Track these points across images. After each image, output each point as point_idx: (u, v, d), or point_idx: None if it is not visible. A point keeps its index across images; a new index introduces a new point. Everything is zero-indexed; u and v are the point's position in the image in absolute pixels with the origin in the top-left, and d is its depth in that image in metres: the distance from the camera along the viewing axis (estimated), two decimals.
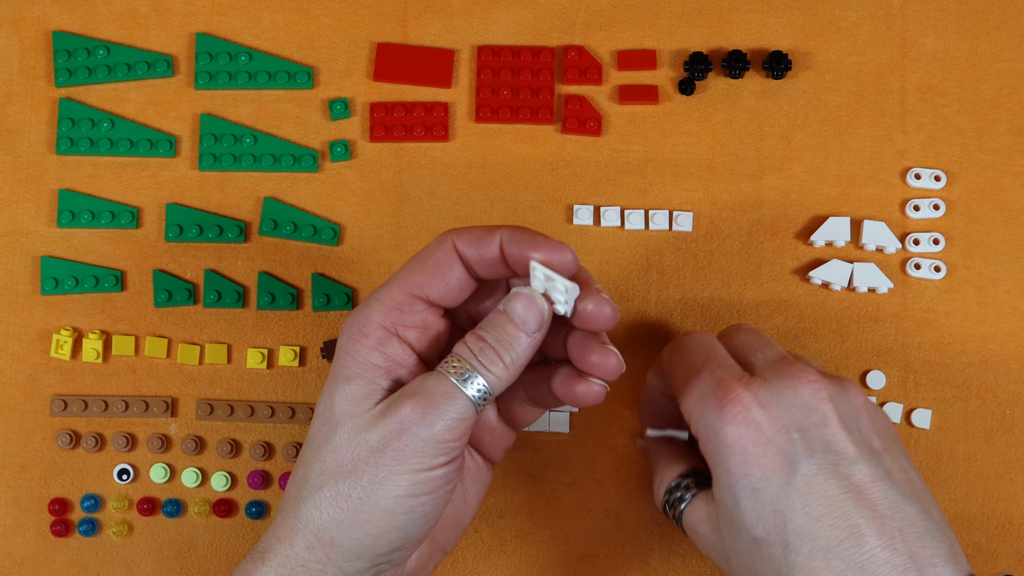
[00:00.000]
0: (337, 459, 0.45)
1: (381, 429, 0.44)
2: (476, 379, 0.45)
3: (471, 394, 0.45)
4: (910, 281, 0.60)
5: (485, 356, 0.45)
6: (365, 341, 0.46)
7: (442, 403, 0.44)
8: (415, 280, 0.46)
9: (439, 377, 0.45)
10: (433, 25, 0.62)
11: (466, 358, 0.45)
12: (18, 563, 0.58)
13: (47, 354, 0.60)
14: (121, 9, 0.62)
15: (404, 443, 0.44)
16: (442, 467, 0.45)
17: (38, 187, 0.61)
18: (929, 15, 0.61)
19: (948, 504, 0.58)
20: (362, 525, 0.44)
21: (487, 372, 0.45)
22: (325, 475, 0.45)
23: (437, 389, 0.44)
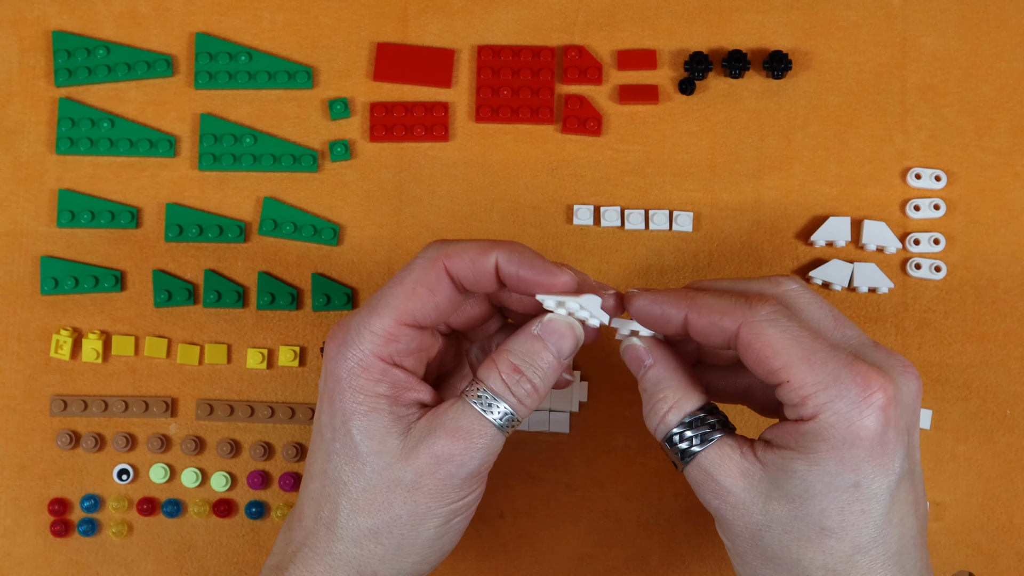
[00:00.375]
0: (371, 498, 0.45)
1: (415, 466, 0.44)
2: (501, 406, 0.45)
3: (497, 422, 0.45)
4: (910, 281, 0.60)
5: (519, 386, 0.45)
6: (367, 375, 0.45)
7: (477, 440, 0.44)
8: (407, 309, 0.45)
9: (468, 411, 0.45)
10: (433, 25, 0.62)
11: (498, 391, 0.45)
12: (18, 563, 0.58)
13: (47, 354, 0.60)
14: (121, 9, 0.62)
15: (441, 481, 0.44)
16: (474, 493, 0.46)
17: (38, 187, 0.61)
18: (929, 15, 0.61)
19: (948, 504, 0.58)
20: (405, 556, 0.45)
21: (519, 404, 0.45)
22: (358, 513, 0.45)
23: (472, 426, 0.44)
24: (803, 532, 0.43)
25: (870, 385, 0.42)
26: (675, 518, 0.58)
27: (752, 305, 0.43)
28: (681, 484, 0.58)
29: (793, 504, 0.43)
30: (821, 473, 0.42)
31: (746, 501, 0.44)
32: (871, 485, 0.42)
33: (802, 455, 0.42)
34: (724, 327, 0.44)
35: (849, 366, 0.42)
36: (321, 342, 0.60)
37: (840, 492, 0.42)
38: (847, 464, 0.42)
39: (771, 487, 0.43)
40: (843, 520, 0.42)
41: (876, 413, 0.42)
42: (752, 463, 0.44)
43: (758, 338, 0.43)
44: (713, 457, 0.45)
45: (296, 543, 0.46)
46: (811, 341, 0.43)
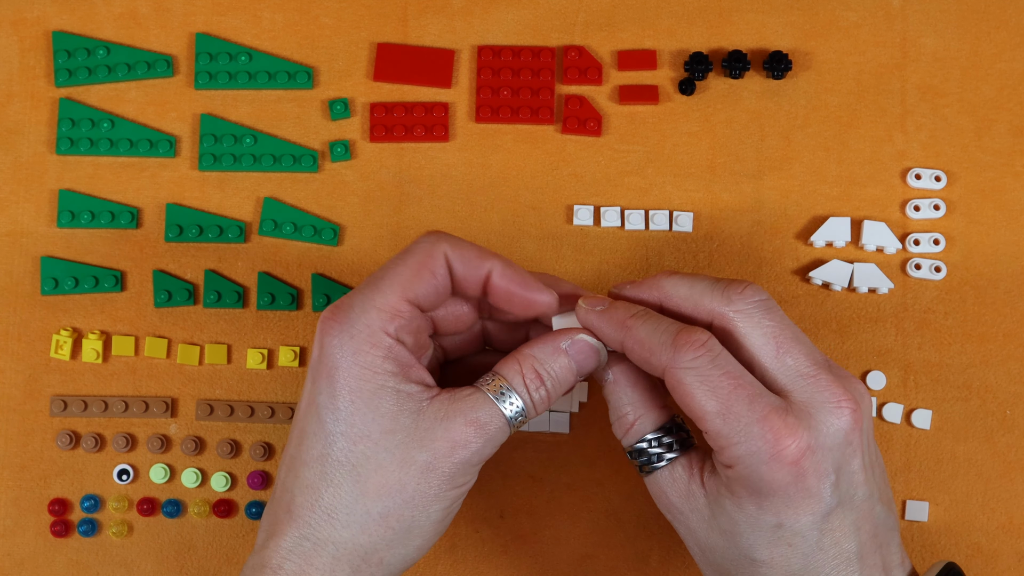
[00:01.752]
0: (382, 480, 0.44)
1: (431, 449, 0.44)
2: (516, 403, 0.46)
3: (509, 415, 0.46)
4: (910, 281, 0.60)
5: (538, 392, 0.46)
6: (376, 351, 0.44)
7: (494, 432, 0.45)
8: (412, 287, 0.45)
9: (486, 402, 0.46)
10: (433, 25, 0.62)
11: (518, 390, 0.46)
12: (18, 563, 0.58)
13: (47, 354, 0.60)
14: (121, 9, 0.62)
15: (455, 465, 0.45)
16: (474, 479, 0.47)
17: (38, 187, 0.61)
18: (929, 15, 0.61)
19: (948, 504, 0.58)
20: (412, 540, 0.45)
21: (533, 407, 0.47)
22: (367, 497, 0.44)
23: (490, 419, 0.45)
24: (738, 560, 0.45)
25: (780, 440, 0.43)
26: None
27: (677, 350, 0.44)
28: None
29: (724, 536, 0.45)
30: (744, 514, 0.44)
31: (692, 521, 0.47)
32: (793, 524, 0.44)
33: (728, 495, 0.45)
34: (653, 365, 0.45)
35: (761, 422, 0.43)
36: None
37: (764, 531, 0.44)
38: (766, 509, 0.44)
39: (710, 516, 0.46)
40: (771, 553, 0.44)
41: (787, 467, 0.43)
42: (698, 488, 0.46)
43: (680, 385, 0.44)
44: (666, 477, 0.47)
45: (290, 536, 0.44)
46: (729, 393, 0.44)
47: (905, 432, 0.58)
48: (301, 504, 0.45)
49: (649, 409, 0.48)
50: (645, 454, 0.47)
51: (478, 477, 0.57)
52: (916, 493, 0.58)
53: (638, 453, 0.48)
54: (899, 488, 0.58)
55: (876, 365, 0.59)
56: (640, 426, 0.48)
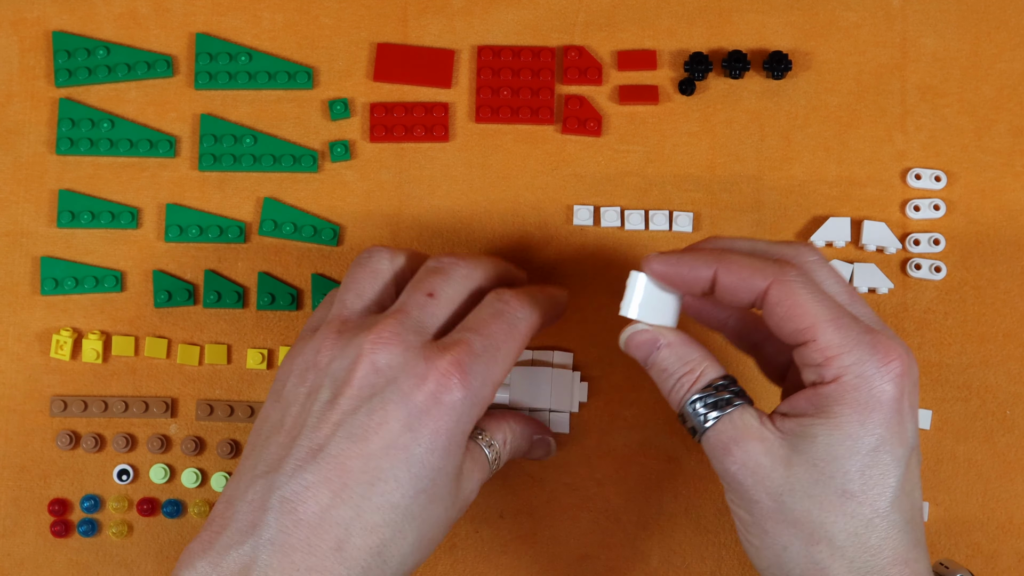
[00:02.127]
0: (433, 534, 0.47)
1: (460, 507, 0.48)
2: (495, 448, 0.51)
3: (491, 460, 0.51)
4: (910, 281, 0.60)
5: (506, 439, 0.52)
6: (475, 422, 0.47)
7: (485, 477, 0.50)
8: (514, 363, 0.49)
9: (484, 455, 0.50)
10: (433, 25, 0.62)
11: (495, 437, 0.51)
12: (18, 563, 0.58)
13: (47, 354, 0.60)
14: (121, 9, 0.62)
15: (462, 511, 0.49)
16: None
17: (38, 187, 0.61)
18: (929, 15, 0.61)
19: (948, 504, 0.58)
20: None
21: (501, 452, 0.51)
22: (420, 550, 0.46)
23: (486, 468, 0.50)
24: (825, 496, 0.43)
25: (889, 353, 0.44)
26: (675, 518, 0.58)
27: (782, 265, 0.45)
28: (681, 485, 0.58)
29: (815, 468, 0.43)
30: (843, 436, 0.43)
31: (767, 466, 0.44)
32: (890, 450, 0.43)
33: (823, 419, 0.44)
34: (754, 284, 0.45)
35: (870, 333, 0.44)
36: None
37: (861, 455, 0.43)
38: (867, 427, 0.43)
39: (791, 453, 0.44)
40: (864, 483, 0.43)
41: (895, 380, 0.43)
42: (772, 431, 0.45)
43: (788, 296, 0.44)
44: (735, 424, 0.45)
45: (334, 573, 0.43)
46: (835, 306, 0.44)
47: None
48: (360, 547, 0.43)
49: (711, 361, 0.47)
50: (709, 404, 0.46)
51: None
52: None
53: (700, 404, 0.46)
54: None
55: None
56: (705, 376, 0.46)
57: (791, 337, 0.45)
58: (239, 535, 0.43)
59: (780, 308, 0.44)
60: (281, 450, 0.45)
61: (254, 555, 0.43)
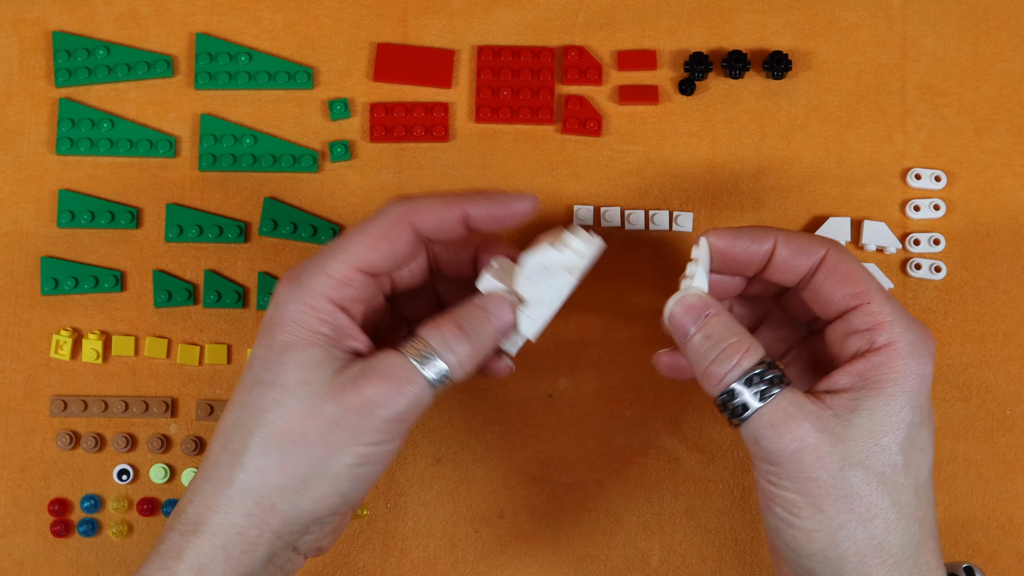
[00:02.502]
0: (289, 425, 0.45)
1: (341, 402, 0.45)
2: (437, 363, 0.46)
3: (431, 377, 0.46)
4: (910, 281, 0.60)
5: (461, 347, 0.47)
6: (314, 313, 0.46)
7: (406, 386, 0.45)
8: (367, 256, 0.47)
9: (404, 359, 0.46)
10: (433, 25, 0.62)
11: (437, 347, 0.46)
12: (18, 563, 0.58)
13: (47, 354, 0.60)
14: (121, 9, 0.62)
15: (363, 420, 0.45)
16: (392, 442, 0.46)
17: (38, 187, 0.61)
18: (929, 15, 0.61)
19: (948, 504, 0.58)
20: (307, 491, 0.45)
21: (457, 364, 0.47)
22: (271, 441, 0.45)
23: (403, 372, 0.45)
24: (881, 468, 0.44)
25: (928, 332, 0.46)
26: (675, 518, 0.58)
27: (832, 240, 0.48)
28: (681, 484, 0.58)
29: (870, 440, 0.44)
30: (893, 408, 0.45)
31: (825, 443, 0.44)
32: (928, 426, 0.46)
33: (874, 392, 0.45)
34: (812, 252, 0.47)
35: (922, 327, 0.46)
36: None
37: (906, 428, 0.45)
38: (914, 400, 0.45)
39: (846, 427, 0.44)
40: (909, 456, 0.45)
41: (931, 356, 0.46)
42: (822, 408, 0.45)
43: (845, 262, 0.47)
44: (787, 403, 0.45)
45: (197, 479, 0.46)
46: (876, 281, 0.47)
47: None
48: (213, 449, 0.46)
49: (754, 339, 0.47)
50: (758, 383, 0.45)
51: (479, 477, 0.58)
52: None
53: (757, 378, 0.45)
54: None
55: None
56: (752, 353, 0.46)
57: (843, 301, 0.46)
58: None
59: (837, 272, 0.47)
60: None
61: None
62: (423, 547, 0.58)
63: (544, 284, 0.49)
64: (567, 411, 0.59)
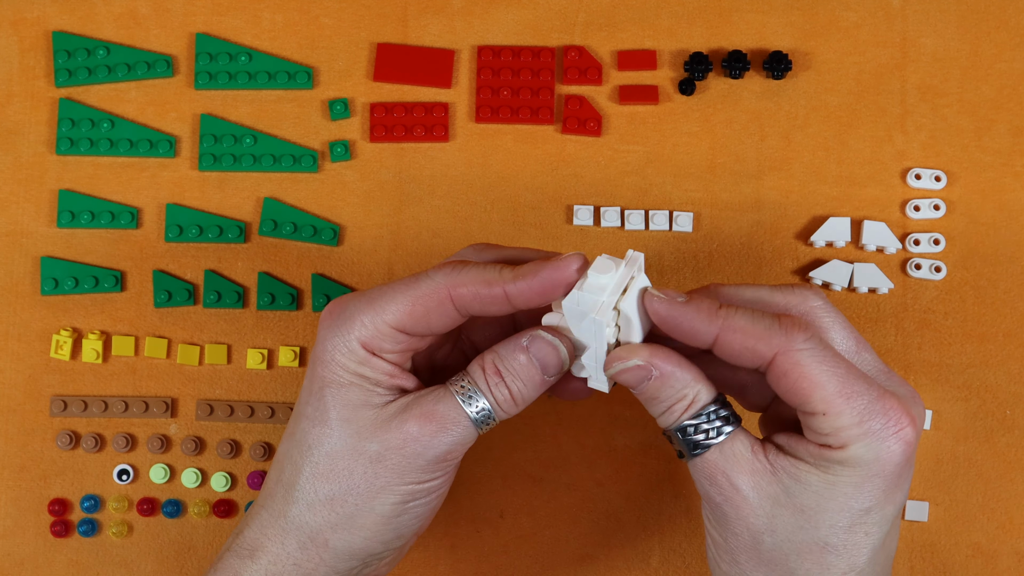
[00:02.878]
0: (331, 463, 0.45)
1: (383, 440, 0.45)
2: (481, 401, 0.45)
3: (474, 416, 0.45)
4: (910, 281, 0.60)
5: (500, 391, 0.45)
6: (353, 356, 0.45)
7: (449, 426, 0.45)
8: (399, 320, 0.45)
9: (449, 396, 0.45)
10: (433, 25, 0.62)
11: (480, 387, 0.45)
12: (18, 563, 0.58)
13: (47, 354, 0.60)
14: (121, 9, 0.62)
15: (405, 459, 0.45)
16: (437, 479, 0.46)
17: (38, 187, 0.61)
18: (929, 15, 0.61)
19: (948, 504, 0.58)
20: (357, 529, 0.45)
21: (496, 405, 0.46)
22: (318, 478, 0.45)
23: (447, 411, 0.45)
24: (805, 544, 0.43)
25: (901, 420, 0.42)
26: (675, 518, 0.58)
27: (788, 332, 0.42)
28: (681, 485, 0.58)
29: (801, 516, 0.43)
30: (836, 494, 0.42)
31: (753, 501, 0.43)
32: (880, 512, 0.43)
33: (821, 473, 0.42)
34: (759, 352, 0.43)
35: (881, 400, 0.42)
36: None
37: (851, 513, 0.42)
38: (864, 491, 0.42)
39: (781, 493, 0.43)
40: (847, 540, 0.43)
41: (903, 448, 0.42)
42: (763, 464, 0.43)
43: (796, 368, 0.42)
44: (726, 452, 0.44)
45: (256, 505, 0.47)
46: (846, 373, 0.42)
47: None
48: (271, 477, 0.47)
49: (704, 383, 0.44)
50: (701, 430, 0.44)
51: (479, 477, 0.58)
52: (916, 493, 0.58)
53: (693, 430, 0.44)
54: None
55: None
56: (699, 399, 0.44)
57: (798, 407, 0.43)
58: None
59: (786, 381, 0.42)
60: None
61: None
62: (423, 547, 0.58)
63: (581, 328, 0.45)
64: (567, 411, 0.59)
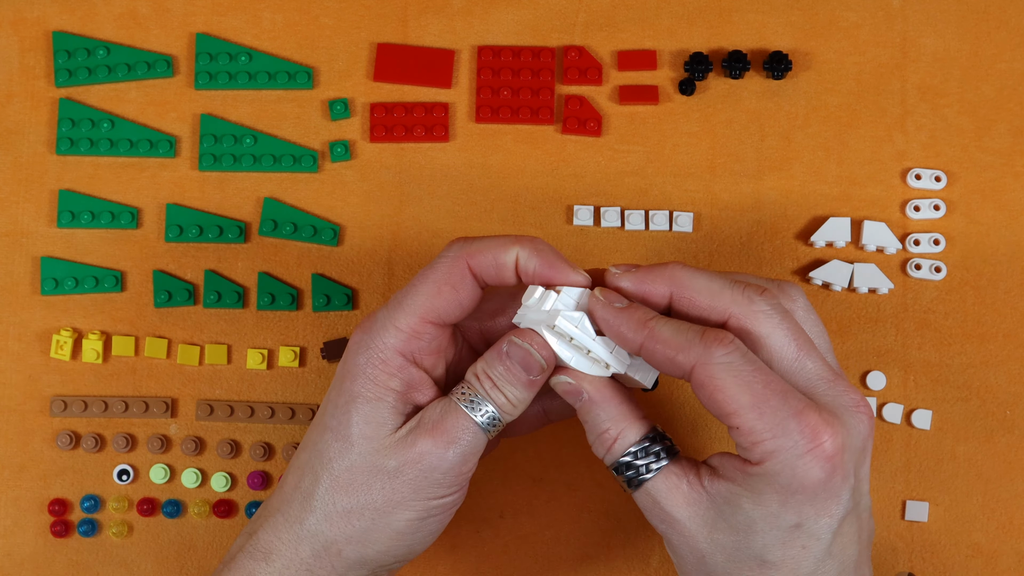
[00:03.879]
0: (351, 477, 0.46)
1: (399, 457, 0.46)
2: (486, 406, 0.46)
3: (480, 422, 0.46)
4: (910, 282, 0.60)
5: (496, 394, 0.46)
6: (385, 367, 0.46)
7: (460, 435, 0.46)
8: (433, 306, 0.46)
9: (454, 408, 0.46)
10: (433, 25, 0.62)
11: (477, 389, 0.46)
12: (18, 563, 0.58)
13: (47, 355, 0.60)
14: (121, 9, 0.62)
15: (422, 473, 0.46)
16: (453, 495, 0.47)
17: (38, 187, 0.61)
18: (929, 15, 0.61)
19: (948, 504, 0.58)
20: (371, 543, 0.46)
21: (498, 409, 0.46)
22: (336, 491, 0.46)
23: (454, 422, 0.46)
24: (745, 562, 0.44)
25: (818, 436, 0.42)
26: None
27: (708, 346, 0.43)
28: None
29: (737, 535, 0.44)
30: (764, 512, 0.43)
31: (691, 528, 0.45)
32: (813, 526, 0.43)
33: (747, 492, 0.43)
34: (679, 363, 0.44)
35: (797, 416, 0.42)
36: (321, 343, 0.60)
37: (782, 531, 0.43)
38: (790, 507, 0.43)
39: (716, 517, 0.44)
40: (784, 555, 0.44)
41: (821, 463, 0.42)
42: (698, 492, 0.45)
43: (711, 380, 0.43)
44: (659, 485, 0.45)
45: (271, 508, 0.48)
46: (763, 388, 0.43)
47: (905, 432, 0.58)
48: (288, 483, 0.48)
49: (630, 421, 0.46)
50: (632, 467, 0.46)
51: (479, 477, 0.58)
52: (916, 493, 0.58)
53: (624, 467, 0.46)
54: (899, 488, 0.58)
55: (876, 365, 0.59)
56: (623, 439, 0.46)
57: (718, 417, 0.44)
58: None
59: (703, 393, 0.43)
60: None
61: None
62: None
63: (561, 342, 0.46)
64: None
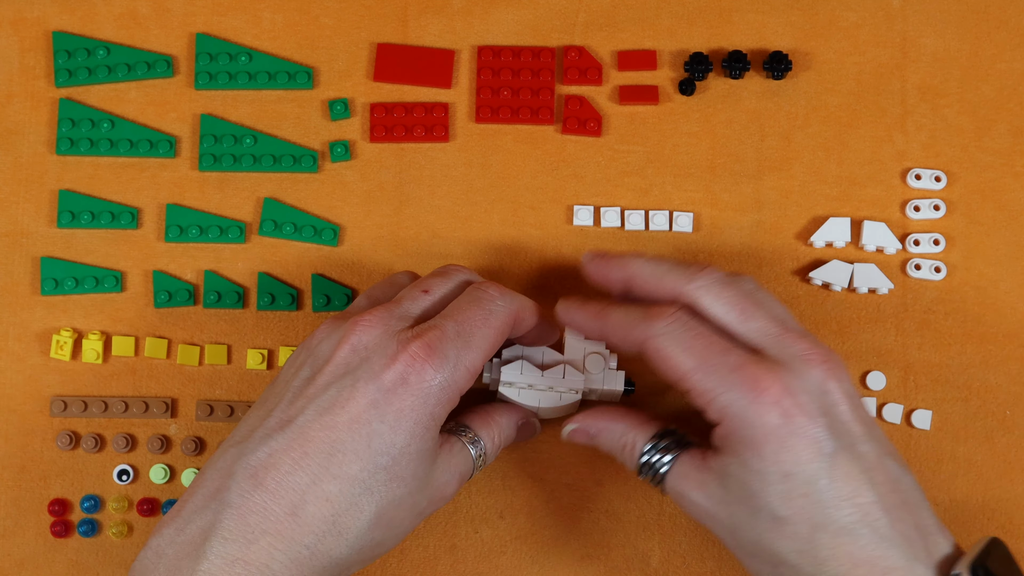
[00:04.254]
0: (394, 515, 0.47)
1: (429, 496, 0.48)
2: (480, 445, 0.51)
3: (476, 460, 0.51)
4: (910, 282, 0.60)
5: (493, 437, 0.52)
6: (447, 407, 0.47)
7: (467, 475, 0.51)
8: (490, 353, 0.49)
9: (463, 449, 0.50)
10: (433, 25, 0.62)
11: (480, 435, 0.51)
12: (18, 564, 0.58)
13: (47, 355, 0.60)
14: (121, 9, 0.62)
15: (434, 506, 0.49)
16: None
17: (38, 187, 0.61)
18: (929, 15, 0.61)
19: (948, 505, 0.58)
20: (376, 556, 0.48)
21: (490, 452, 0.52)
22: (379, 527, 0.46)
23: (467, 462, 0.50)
24: (766, 526, 0.45)
25: (758, 383, 0.45)
26: (675, 518, 0.58)
27: (650, 320, 0.47)
28: None
29: (745, 503, 0.45)
30: (751, 471, 0.45)
31: (711, 509, 0.47)
32: (800, 472, 0.44)
33: (732, 457, 0.46)
34: (631, 341, 0.48)
35: (738, 369, 0.45)
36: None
37: (777, 484, 0.44)
38: (767, 459, 0.44)
39: (724, 492, 0.46)
40: (791, 508, 0.44)
41: (770, 408, 0.44)
42: (705, 473, 0.47)
43: (658, 351, 0.47)
44: (675, 476, 0.49)
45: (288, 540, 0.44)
46: (703, 349, 0.46)
47: (905, 432, 0.58)
48: (314, 515, 0.45)
49: (638, 426, 0.50)
50: (650, 466, 0.50)
51: (479, 477, 0.58)
52: None
53: (646, 468, 0.50)
54: None
55: (876, 365, 0.59)
56: (637, 445, 0.50)
57: (675, 386, 0.47)
58: (205, 500, 0.46)
59: (655, 363, 0.47)
60: (256, 421, 0.47)
61: (215, 519, 0.44)
62: (423, 547, 0.58)
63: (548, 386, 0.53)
64: None
